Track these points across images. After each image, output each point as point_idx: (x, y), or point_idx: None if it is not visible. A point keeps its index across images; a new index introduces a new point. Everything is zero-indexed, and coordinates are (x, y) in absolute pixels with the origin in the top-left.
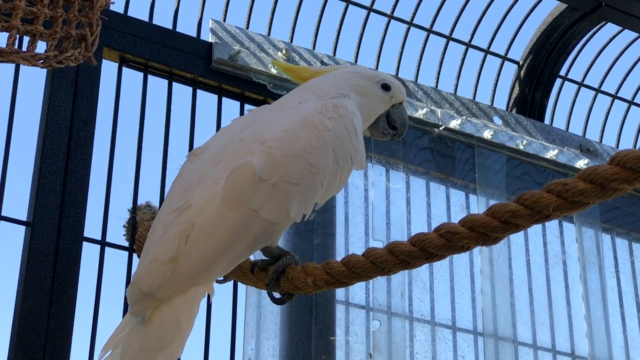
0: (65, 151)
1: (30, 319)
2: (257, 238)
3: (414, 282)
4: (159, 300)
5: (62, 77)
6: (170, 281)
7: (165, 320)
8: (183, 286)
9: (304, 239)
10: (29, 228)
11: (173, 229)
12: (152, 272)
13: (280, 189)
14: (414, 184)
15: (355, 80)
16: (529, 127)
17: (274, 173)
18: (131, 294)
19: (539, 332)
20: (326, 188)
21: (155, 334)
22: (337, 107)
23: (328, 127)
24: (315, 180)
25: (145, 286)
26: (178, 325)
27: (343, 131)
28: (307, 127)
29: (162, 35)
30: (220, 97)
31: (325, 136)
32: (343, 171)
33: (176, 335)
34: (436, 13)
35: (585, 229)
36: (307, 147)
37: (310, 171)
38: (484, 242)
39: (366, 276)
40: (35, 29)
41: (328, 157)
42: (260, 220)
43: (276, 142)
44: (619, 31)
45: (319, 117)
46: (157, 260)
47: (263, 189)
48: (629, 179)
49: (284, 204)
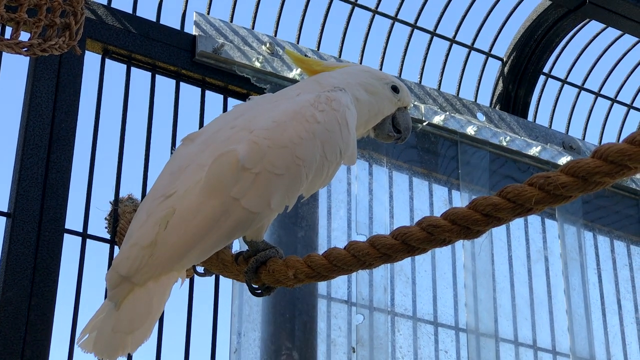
0: (47, 142)
1: (10, 311)
2: (236, 227)
3: (397, 276)
4: (134, 284)
5: (45, 68)
6: (146, 265)
7: (137, 304)
8: (159, 271)
9: (289, 232)
10: (10, 219)
11: (155, 214)
12: (131, 256)
13: (263, 179)
14: (397, 178)
15: (367, 79)
16: (512, 124)
17: (258, 162)
18: (110, 277)
19: (520, 328)
20: (312, 181)
21: (127, 316)
22: (330, 100)
23: (318, 119)
24: (300, 172)
25: (123, 270)
26: (149, 309)
27: (334, 125)
28: (297, 118)
29: (146, 27)
30: (204, 90)
31: (314, 128)
32: (331, 165)
33: (146, 318)
34: (420, 8)
35: (567, 226)
36: (294, 139)
37: (295, 163)
38: (465, 235)
39: (348, 269)
40: (19, 17)
41: (315, 150)
42: (241, 209)
43: (264, 132)
44: (603, 29)
45: (311, 109)
46: (137, 244)
47: (245, 178)
48: (611, 172)
49: (266, 194)
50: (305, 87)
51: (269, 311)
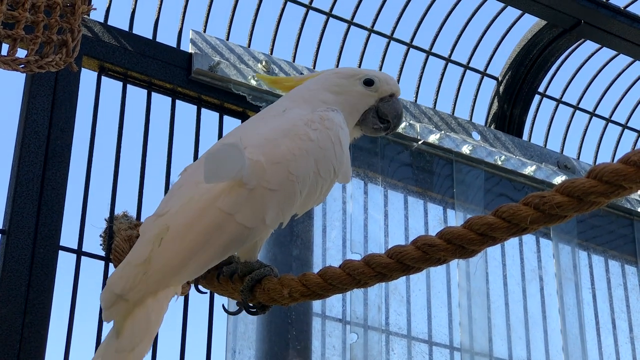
0: (43, 159)
1: (4, 328)
2: (231, 242)
3: (392, 295)
4: (129, 302)
5: (41, 85)
6: (141, 282)
7: (136, 322)
8: (154, 288)
9: (284, 250)
10: (5, 236)
11: (148, 233)
12: (125, 274)
13: (258, 195)
14: (392, 197)
15: (332, 81)
16: (507, 143)
17: (252, 178)
18: (104, 297)
19: (515, 347)
20: (306, 198)
21: (128, 335)
22: (324, 120)
23: (312, 137)
24: (295, 189)
25: (117, 288)
26: (148, 324)
27: (327, 143)
28: (290, 136)
29: (142, 45)
30: (200, 108)
31: (308, 146)
32: (325, 182)
33: (146, 333)
34: (416, 27)
35: (562, 246)
36: (287, 155)
37: (289, 179)
38: (460, 254)
39: (343, 288)
40: (16, 34)
41: (309, 167)
42: (235, 224)
43: (256, 149)
44: (598, 49)
45: (304, 127)
46: (130, 263)
47: (240, 194)
48: (606, 192)
49: (260, 210)
50: (285, 103)
51: (264, 329)
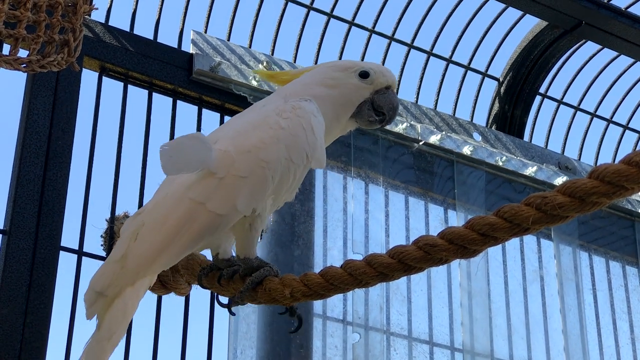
0: (44, 159)
1: (5, 328)
2: (203, 230)
3: (393, 295)
4: (108, 297)
5: (42, 85)
6: (118, 278)
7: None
8: (131, 280)
9: (285, 250)
10: (6, 236)
11: (127, 231)
12: (105, 272)
13: (228, 182)
14: (393, 198)
15: (327, 74)
16: (508, 144)
17: (221, 167)
18: (86, 296)
19: (516, 348)
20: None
21: (106, 325)
22: (295, 109)
23: (282, 126)
24: (265, 174)
25: (97, 286)
26: (124, 314)
27: (298, 130)
28: (260, 127)
29: (143, 45)
30: (201, 109)
31: (279, 134)
32: (298, 168)
33: (122, 322)
34: (417, 28)
35: (563, 246)
36: (257, 144)
37: (259, 165)
38: (462, 254)
39: (344, 288)
40: (17, 33)
41: (280, 153)
42: (206, 212)
43: (227, 140)
44: (599, 49)
45: (275, 117)
46: (109, 261)
47: (209, 183)
48: (608, 193)
49: (231, 197)
50: (271, 98)
51: (265, 329)
